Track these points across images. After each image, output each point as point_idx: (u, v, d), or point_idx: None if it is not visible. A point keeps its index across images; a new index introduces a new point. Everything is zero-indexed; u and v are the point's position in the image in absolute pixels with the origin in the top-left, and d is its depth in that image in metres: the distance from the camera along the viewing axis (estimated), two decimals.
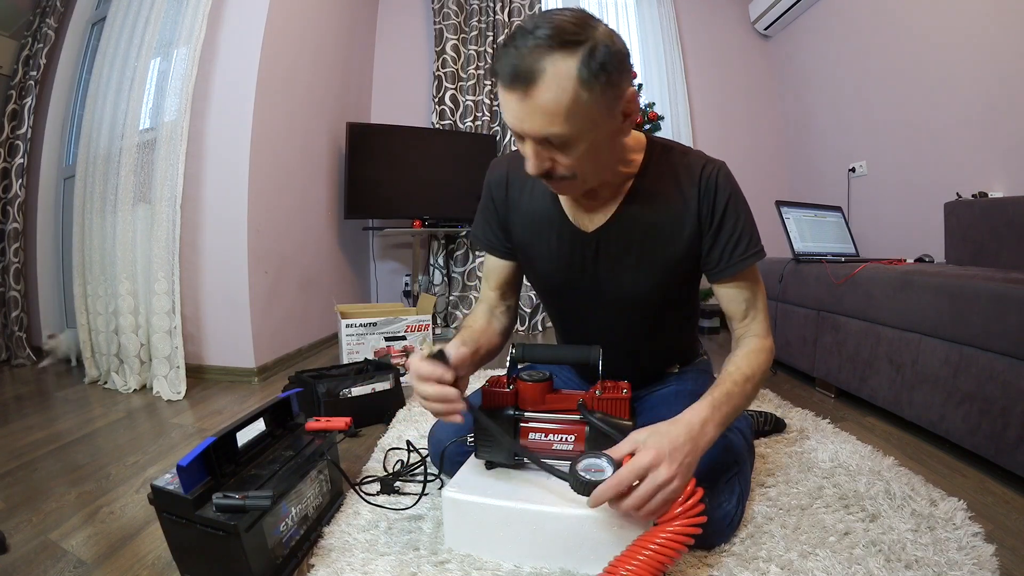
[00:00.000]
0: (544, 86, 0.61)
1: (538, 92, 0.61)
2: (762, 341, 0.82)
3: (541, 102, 0.62)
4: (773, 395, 1.54)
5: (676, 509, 0.64)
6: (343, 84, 2.72)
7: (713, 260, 0.82)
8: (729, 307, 0.85)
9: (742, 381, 0.75)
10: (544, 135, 0.65)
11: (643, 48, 3.19)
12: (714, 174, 0.79)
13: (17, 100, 2.26)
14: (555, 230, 0.85)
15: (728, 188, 0.79)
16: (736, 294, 0.83)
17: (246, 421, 0.80)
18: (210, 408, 1.57)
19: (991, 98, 1.89)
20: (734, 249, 0.80)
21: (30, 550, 0.82)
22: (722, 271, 0.81)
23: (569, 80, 0.61)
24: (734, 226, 0.79)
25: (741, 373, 0.76)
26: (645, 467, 0.62)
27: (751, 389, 0.76)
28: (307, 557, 0.78)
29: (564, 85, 0.61)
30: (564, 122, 0.63)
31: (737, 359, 0.79)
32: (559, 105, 0.62)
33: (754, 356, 0.79)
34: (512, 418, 0.79)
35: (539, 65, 0.60)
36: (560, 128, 0.64)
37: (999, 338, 1.01)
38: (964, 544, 0.75)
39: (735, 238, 0.80)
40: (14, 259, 2.23)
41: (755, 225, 0.82)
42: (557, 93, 0.61)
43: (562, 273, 0.87)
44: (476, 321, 0.93)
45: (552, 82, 0.61)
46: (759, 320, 0.83)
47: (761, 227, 0.83)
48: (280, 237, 2.08)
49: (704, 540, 0.75)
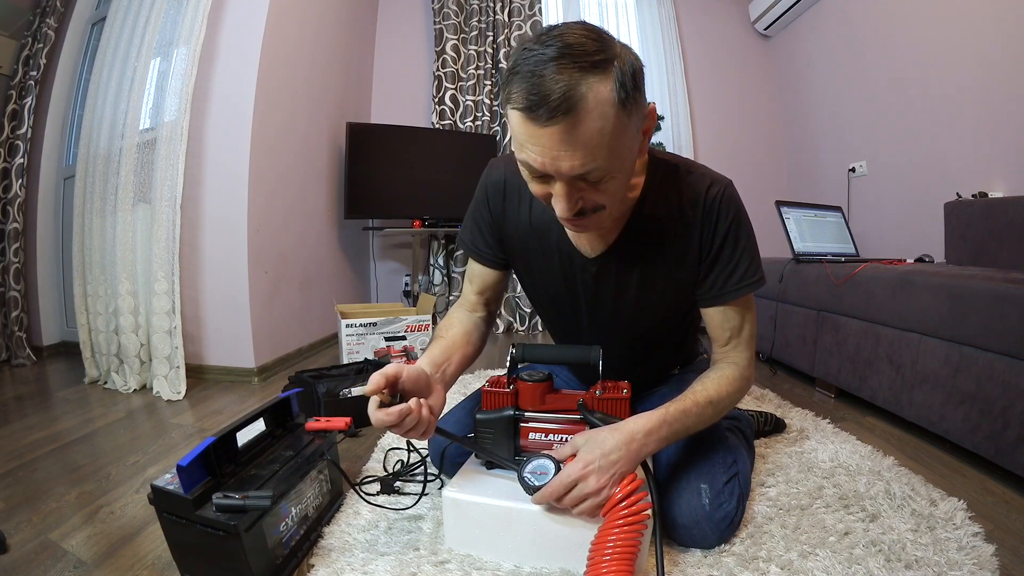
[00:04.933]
0: (586, 115, 0.53)
1: (581, 123, 0.53)
2: (739, 370, 0.79)
3: (585, 134, 0.53)
4: (773, 395, 1.54)
5: (617, 494, 0.66)
6: (343, 84, 2.72)
7: (706, 287, 0.79)
8: (713, 332, 0.82)
9: (704, 403, 0.74)
10: (584, 172, 0.56)
11: (643, 48, 3.19)
12: (718, 197, 0.74)
13: (17, 100, 2.26)
14: (555, 249, 0.81)
15: (731, 213, 0.75)
16: (723, 321, 0.80)
17: (246, 421, 0.80)
18: (210, 408, 1.57)
19: (991, 98, 1.89)
20: (728, 278, 0.77)
21: (30, 550, 0.81)
22: (713, 299, 0.79)
23: (610, 106, 0.53)
24: (731, 254, 0.76)
25: (706, 395, 0.75)
26: (574, 479, 0.66)
27: (711, 413, 0.75)
28: (307, 557, 0.78)
29: (606, 112, 0.53)
30: (608, 154, 0.56)
31: (707, 380, 0.77)
32: (603, 136, 0.54)
33: (726, 383, 0.77)
34: (512, 418, 0.79)
35: (577, 92, 0.52)
36: (602, 161, 0.56)
37: (999, 338, 1.01)
38: (964, 544, 0.75)
39: (731, 267, 0.76)
40: (14, 259, 2.23)
41: (756, 251, 0.78)
42: (601, 122, 0.53)
43: (561, 291, 0.86)
44: (451, 330, 0.87)
45: (594, 110, 0.53)
46: (741, 350, 0.81)
47: (761, 227, 0.82)
48: (280, 237, 2.08)
49: (704, 541, 0.75)
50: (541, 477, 0.70)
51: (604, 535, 0.64)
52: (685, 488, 0.76)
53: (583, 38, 0.54)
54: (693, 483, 0.76)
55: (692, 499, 0.75)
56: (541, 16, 3.03)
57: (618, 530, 0.63)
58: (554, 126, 0.53)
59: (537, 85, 0.52)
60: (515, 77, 0.54)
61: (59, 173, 2.44)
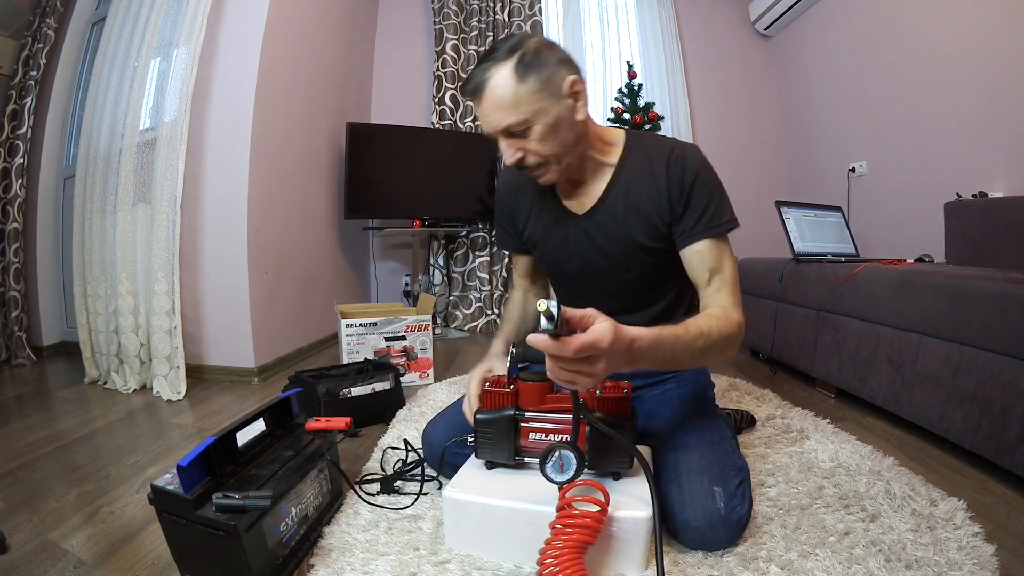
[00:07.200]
0: (490, 89, 0.77)
1: (488, 94, 0.78)
2: (724, 311, 0.80)
3: (492, 101, 0.78)
4: (773, 395, 1.54)
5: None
6: (343, 84, 2.72)
7: (680, 229, 0.86)
8: (694, 275, 0.86)
9: (695, 333, 0.73)
10: (503, 126, 0.79)
11: (643, 48, 3.20)
12: (682, 154, 0.86)
13: (17, 100, 2.26)
14: (553, 216, 0.96)
15: (696, 166, 0.85)
16: (699, 261, 0.85)
17: (246, 421, 0.80)
18: (210, 408, 1.57)
19: (991, 98, 1.89)
20: (698, 219, 0.85)
21: (30, 550, 0.82)
22: (687, 238, 0.85)
23: (506, 78, 0.76)
24: (699, 200, 0.84)
25: (696, 326, 0.74)
26: (600, 348, 0.58)
27: (701, 346, 0.73)
28: (307, 557, 0.78)
29: (507, 82, 0.76)
30: (514, 111, 0.77)
31: (696, 318, 0.77)
32: (504, 99, 0.77)
33: (713, 319, 0.77)
34: (512, 418, 0.79)
35: (486, 75, 0.77)
36: (513, 117, 0.78)
37: (999, 338, 1.01)
38: (964, 544, 0.75)
39: (700, 209, 0.84)
40: (14, 259, 2.23)
41: (726, 200, 0.87)
42: (503, 90, 0.77)
43: (563, 249, 0.96)
44: (512, 312, 1.09)
45: (496, 84, 0.77)
46: (725, 293, 0.83)
47: (761, 227, 0.83)
48: (280, 237, 2.08)
49: (717, 544, 0.75)
50: (562, 472, 0.71)
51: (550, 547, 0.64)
52: (699, 492, 0.76)
53: (503, 42, 0.79)
54: (707, 487, 0.76)
55: (707, 503, 0.75)
56: (541, 16, 3.03)
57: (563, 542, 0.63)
58: (475, 100, 0.80)
59: (470, 77, 0.80)
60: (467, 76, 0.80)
61: (59, 173, 2.44)
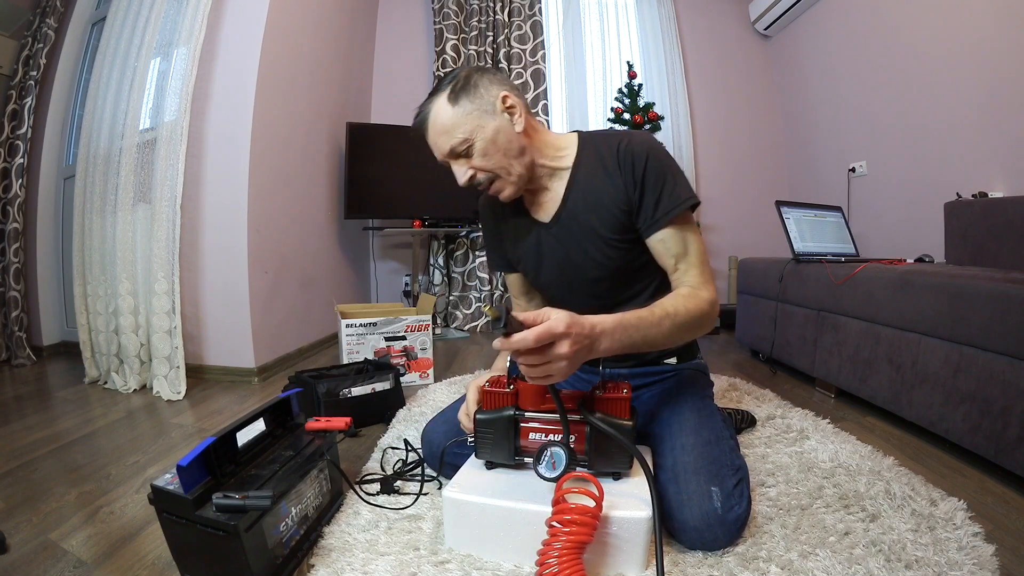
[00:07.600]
0: (432, 119, 0.85)
1: (431, 124, 0.86)
2: (692, 289, 0.82)
3: (435, 129, 0.85)
4: (773, 395, 1.54)
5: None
6: (343, 84, 2.72)
7: (641, 219, 0.87)
8: (661, 261, 0.87)
9: (660, 315, 0.75)
10: (448, 149, 0.85)
11: (643, 48, 3.20)
12: (629, 144, 0.86)
13: (17, 100, 2.26)
14: (526, 230, 0.98)
15: (644, 152, 0.85)
16: (665, 249, 0.85)
17: (246, 421, 0.80)
18: (210, 408, 1.57)
19: (991, 98, 1.89)
20: (656, 205, 0.85)
21: (30, 550, 0.82)
22: (649, 227, 0.86)
23: (442, 105, 0.84)
24: (654, 184, 0.85)
25: (662, 308, 0.76)
26: (557, 333, 0.63)
27: (668, 326, 0.75)
28: (307, 557, 0.78)
29: (444, 109, 0.84)
30: (453, 132, 0.84)
31: (662, 300, 0.79)
32: (444, 124, 0.84)
33: (681, 299, 0.79)
34: (512, 418, 0.79)
35: (427, 108, 0.86)
36: (453, 139, 0.84)
37: (999, 338, 1.01)
38: (964, 544, 0.75)
39: (656, 195, 0.85)
40: (14, 259, 2.23)
41: (681, 178, 0.86)
42: (441, 117, 0.84)
43: (539, 259, 0.98)
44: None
45: (435, 113, 0.85)
46: (693, 273, 0.84)
47: (761, 227, 0.83)
48: (280, 237, 2.08)
49: (715, 543, 0.75)
50: (554, 469, 0.72)
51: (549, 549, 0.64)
52: (696, 491, 0.76)
53: (442, 80, 0.87)
54: (704, 486, 0.76)
55: (704, 503, 0.75)
56: (541, 16, 3.03)
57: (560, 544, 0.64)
58: (424, 131, 0.88)
59: (415, 116, 0.89)
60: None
61: (59, 173, 2.44)
